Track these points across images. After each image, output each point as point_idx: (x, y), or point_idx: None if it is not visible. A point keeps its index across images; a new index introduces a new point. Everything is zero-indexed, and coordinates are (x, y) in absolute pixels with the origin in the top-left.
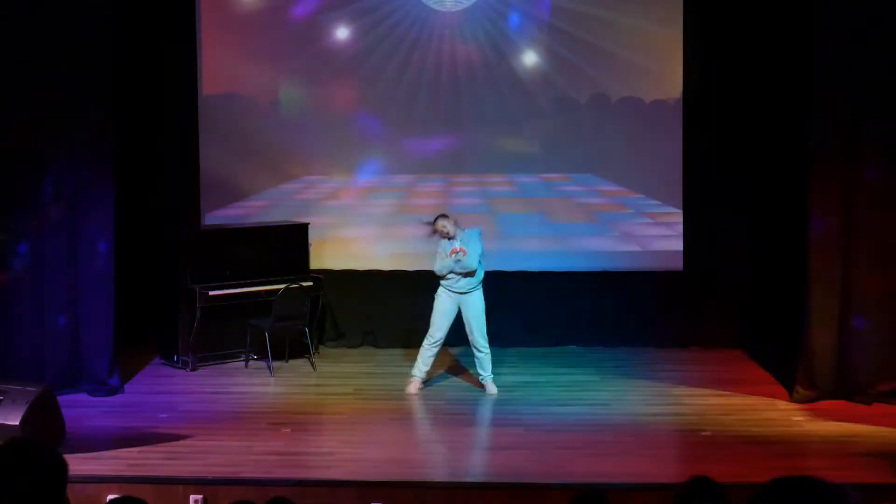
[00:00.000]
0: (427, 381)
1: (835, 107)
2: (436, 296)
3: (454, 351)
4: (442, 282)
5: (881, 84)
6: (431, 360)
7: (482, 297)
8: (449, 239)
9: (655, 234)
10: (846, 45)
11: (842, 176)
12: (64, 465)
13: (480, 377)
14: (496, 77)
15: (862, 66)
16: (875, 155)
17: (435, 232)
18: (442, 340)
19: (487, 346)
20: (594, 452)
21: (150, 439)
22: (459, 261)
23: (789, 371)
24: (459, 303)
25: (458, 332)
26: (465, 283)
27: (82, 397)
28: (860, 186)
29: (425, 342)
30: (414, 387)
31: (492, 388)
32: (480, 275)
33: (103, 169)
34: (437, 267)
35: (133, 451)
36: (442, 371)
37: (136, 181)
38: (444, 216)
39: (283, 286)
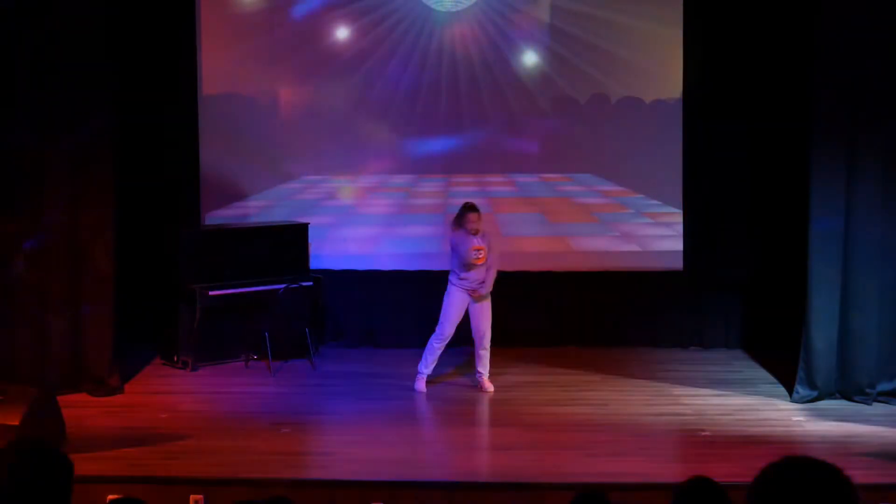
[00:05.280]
0: (431, 377)
1: (835, 106)
2: (447, 293)
3: (455, 350)
4: (454, 278)
5: (882, 83)
6: (438, 355)
7: (490, 295)
8: (474, 234)
9: (655, 234)
10: (847, 44)
11: (842, 175)
12: (70, 465)
13: (478, 374)
14: (496, 77)
15: (863, 64)
16: (876, 154)
17: (460, 226)
18: (450, 336)
19: (489, 344)
20: (594, 452)
21: (150, 439)
22: (482, 285)
23: (789, 371)
24: (470, 300)
25: (459, 331)
26: (478, 281)
27: (82, 397)
28: (860, 186)
29: (434, 339)
30: (421, 383)
31: (488, 386)
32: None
33: (103, 169)
34: (458, 266)
35: (133, 451)
36: (442, 371)
37: (136, 181)
38: (473, 208)
39: (283, 286)
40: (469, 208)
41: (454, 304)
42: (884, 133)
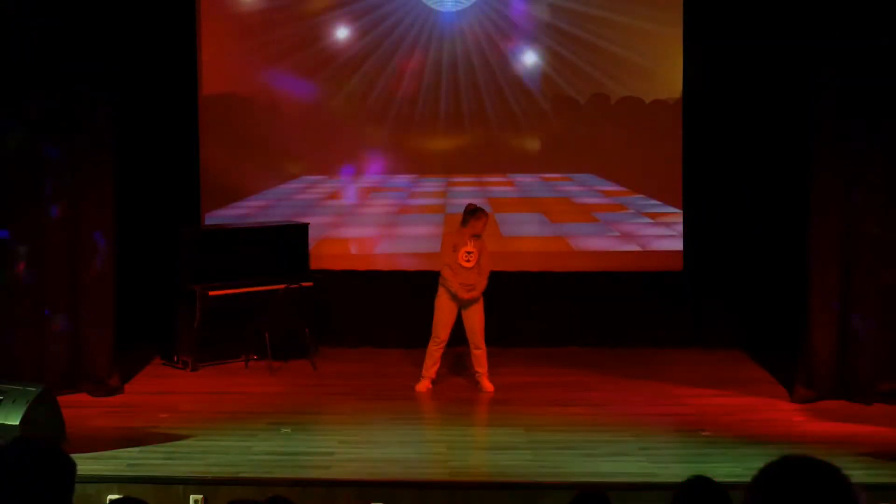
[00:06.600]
0: (434, 380)
1: (836, 106)
2: (437, 296)
3: (455, 351)
4: (443, 281)
5: (882, 83)
6: (439, 359)
7: (481, 295)
8: (471, 238)
9: (655, 234)
10: (847, 43)
11: (842, 176)
12: (72, 465)
13: (477, 374)
14: (496, 77)
15: (863, 63)
16: (875, 155)
17: (463, 227)
18: (447, 339)
19: (484, 343)
20: (594, 452)
21: (150, 439)
22: (469, 289)
23: (789, 371)
24: (460, 301)
25: (458, 331)
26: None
27: (82, 397)
28: (861, 187)
29: (431, 343)
30: (423, 385)
31: (489, 386)
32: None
33: (103, 169)
34: (447, 281)
35: (133, 451)
36: (442, 371)
37: (136, 181)
38: (478, 213)
39: (283, 286)
40: (474, 212)
41: (443, 307)
42: (884, 133)
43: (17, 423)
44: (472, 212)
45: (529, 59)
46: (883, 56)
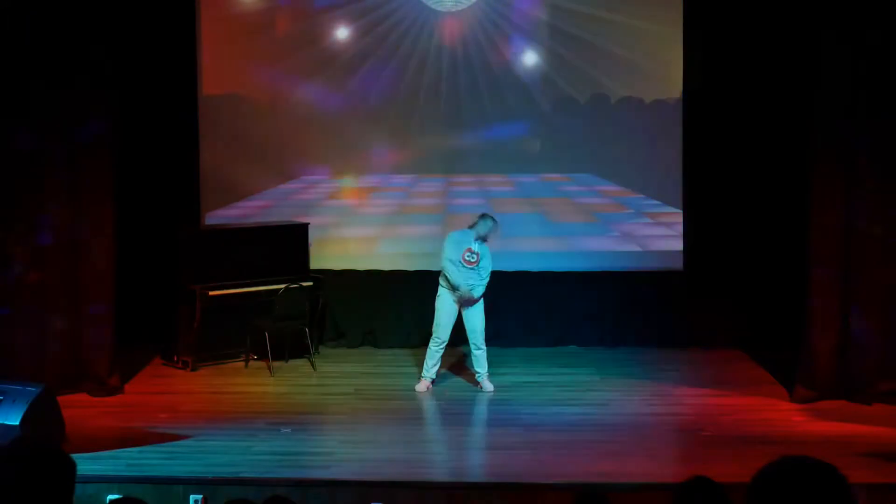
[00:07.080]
0: (434, 380)
1: (836, 107)
2: (437, 296)
3: (455, 351)
4: (444, 281)
5: (883, 82)
6: (440, 359)
7: (482, 296)
8: (480, 241)
9: (655, 234)
10: (848, 44)
11: (842, 176)
12: (72, 465)
13: (477, 375)
14: (496, 77)
15: (864, 62)
16: (875, 154)
17: (472, 227)
18: (447, 340)
19: (484, 344)
20: (594, 452)
21: (150, 439)
22: (471, 288)
23: (789, 371)
24: (460, 301)
25: (458, 331)
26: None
27: (82, 397)
28: (860, 186)
29: (432, 343)
30: (424, 386)
31: (488, 386)
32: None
33: (103, 169)
34: (450, 275)
35: (133, 451)
36: (442, 371)
37: (136, 181)
38: (495, 221)
39: (283, 286)
40: (485, 217)
41: (444, 308)
42: (883, 133)
43: (17, 423)
44: (484, 217)
45: (529, 59)
46: (883, 56)
